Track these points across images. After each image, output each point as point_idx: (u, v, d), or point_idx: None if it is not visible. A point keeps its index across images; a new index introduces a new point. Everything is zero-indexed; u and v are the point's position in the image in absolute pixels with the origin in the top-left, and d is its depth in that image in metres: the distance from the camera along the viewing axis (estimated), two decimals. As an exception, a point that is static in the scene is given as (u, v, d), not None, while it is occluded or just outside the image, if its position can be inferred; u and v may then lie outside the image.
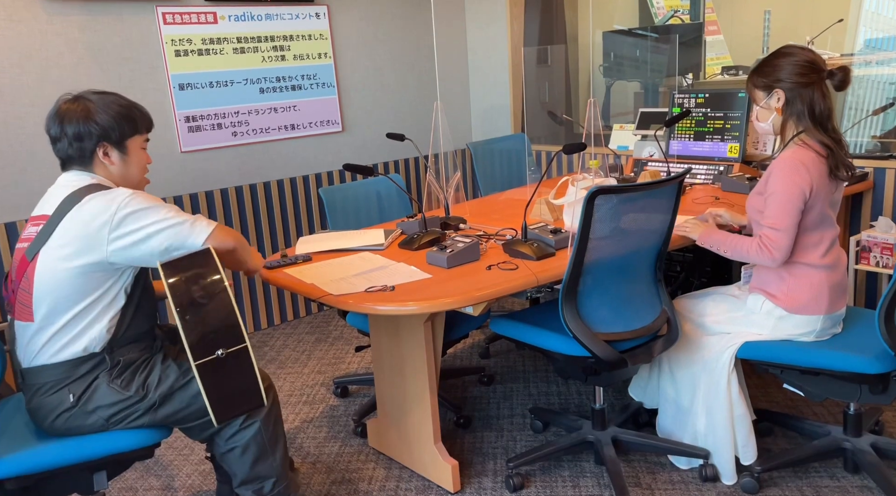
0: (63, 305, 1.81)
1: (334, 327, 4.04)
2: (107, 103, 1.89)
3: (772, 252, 2.14)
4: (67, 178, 1.89)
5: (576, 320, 2.13)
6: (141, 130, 1.96)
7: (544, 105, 4.82)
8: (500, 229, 2.69)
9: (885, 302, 2.02)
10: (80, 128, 1.84)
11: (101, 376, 1.86)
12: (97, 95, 1.90)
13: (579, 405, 2.97)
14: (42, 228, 1.82)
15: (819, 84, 2.16)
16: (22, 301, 1.84)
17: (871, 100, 3.97)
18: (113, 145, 1.89)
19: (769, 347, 2.25)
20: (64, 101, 1.89)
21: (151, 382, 1.89)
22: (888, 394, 2.14)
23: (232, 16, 3.76)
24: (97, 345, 1.85)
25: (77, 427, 1.85)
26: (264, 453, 2.02)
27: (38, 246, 1.81)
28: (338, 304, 2.12)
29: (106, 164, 1.90)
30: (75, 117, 1.85)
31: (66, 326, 1.82)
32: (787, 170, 2.11)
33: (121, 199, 1.80)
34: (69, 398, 1.83)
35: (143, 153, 1.98)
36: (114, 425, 1.87)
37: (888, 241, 2.97)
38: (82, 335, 1.83)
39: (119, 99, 1.93)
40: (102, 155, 1.89)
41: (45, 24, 3.21)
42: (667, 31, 4.56)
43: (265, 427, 2.01)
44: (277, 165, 4.04)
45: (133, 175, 1.97)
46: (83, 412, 1.84)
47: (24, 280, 1.83)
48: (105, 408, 1.85)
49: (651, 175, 3.22)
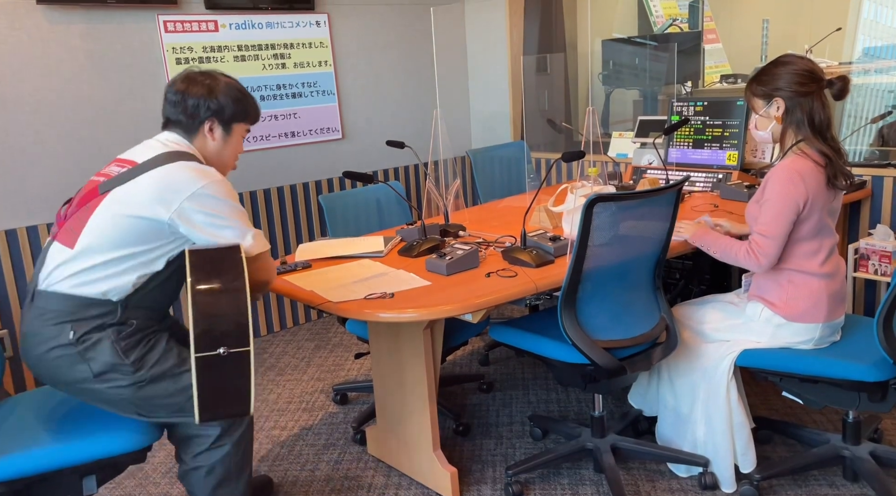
0: (107, 245, 1.83)
1: (334, 334, 4.04)
2: (230, 86, 2.01)
3: (758, 258, 2.17)
4: (168, 137, 1.97)
5: (575, 327, 2.13)
6: (249, 119, 2.07)
7: (543, 113, 4.83)
8: (499, 236, 2.69)
9: (884, 310, 2.02)
10: (200, 100, 1.95)
11: (108, 329, 1.85)
12: (224, 77, 2.03)
13: (578, 413, 2.97)
14: (126, 171, 1.86)
15: (818, 93, 2.17)
16: (72, 226, 1.87)
17: (869, 108, 3.99)
18: (221, 123, 1.99)
19: (768, 355, 2.25)
20: (195, 72, 2.00)
21: (149, 359, 1.88)
22: (887, 401, 2.14)
23: (232, 24, 3.77)
24: (117, 295, 1.86)
25: (62, 368, 1.84)
26: (228, 478, 2.00)
27: (114, 184, 1.85)
28: (337, 311, 2.13)
29: (208, 138, 1.99)
30: (200, 89, 1.96)
31: (98, 266, 1.83)
32: (783, 179, 2.12)
33: (212, 177, 1.86)
34: (69, 334, 1.83)
35: (241, 141, 2.09)
36: (96, 380, 1.84)
37: (886, 248, 2.98)
38: (109, 279, 1.84)
39: (241, 86, 2.05)
40: (208, 129, 1.98)
41: (46, 32, 3.23)
42: (666, 40, 4.57)
43: (235, 450, 2.00)
44: (277, 172, 4.05)
45: (226, 156, 2.05)
46: (78, 356, 1.83)
47: (84, 209, 1.86)
48: (98, 362, 1.84)
49: (650, 183, 3.23)
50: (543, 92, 4.84)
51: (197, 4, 3.63)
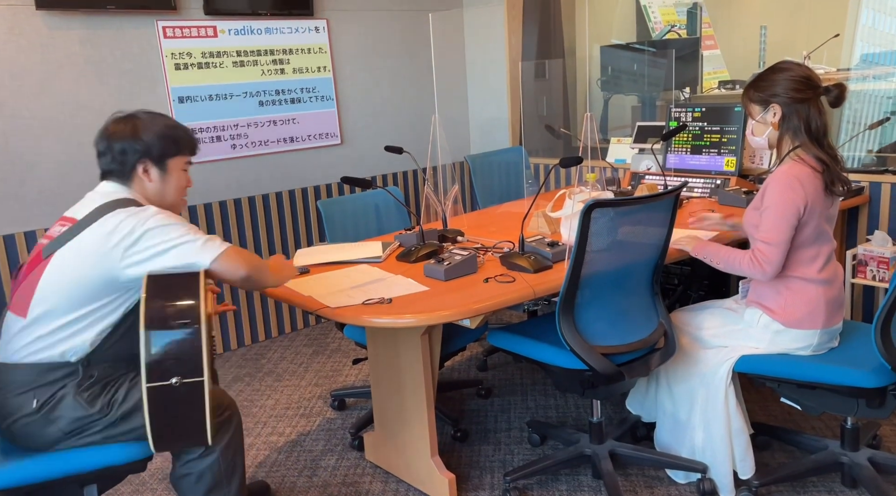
0: (61, 309, 1.81)
1: (332, 340, 4.03)
2: (154, 122, 1.95)
3: (763, 266, 2.16)
4: (105, 188, 1.93)
5: (573, 333, 2.13)
6: (184, 152, 2.01)
7: (542, 118, 4.84)
8: (497, 242, 2.70)
9: (882, 316, 2.02)
10: (126, 144, 1.90)
11: (68, 386, 1.83)
12: (147, 115, 1.97)
13: (577, 418, 2.96)
14: (66, 230, 1.85)
15: (815, 100, 2.18)
16: (22, 295, 1.85)
17: (867, 114, 3.99)
18: (154, 163, 1.94)
19: (766, 361, 2.25)
20: (114, 120, 1.95)
21: (116, 399, 1.85)
22: (885, 408, 2.14)
23: (232, 30, 3.78)
24: (74, 355, 1.84)
25: (33, 435, 1.83)
26: (219, 485, 1.99)
27: (56, 246, 1.83)
28: (335, 317, 2.13)
29: (144, 181, 1.95)
30: (123, 134, 1.91)
31: (54, 331, 1.82)
32: (782, 185, 2.13)
33: (144, 215, 1.82)
34: (32, 403, 1.81)
35: (183, 175, 2.03)
36: (69, 438, 1.84)
37: (884, 254, 2.98)
38: (64, 341, 1.82)
39: (167, 120, 2.00)
40: (142, 171, 1.94)
41: (45, 37, 3.23)
42: (664, 46, 4.58)
43: (223, 457, 1.99)
44: (276, 178, 4.05)
45: (169, 195, 2.00)
46: (44, 420, 1.81)
47: (32, 275, 1.84)
48: (65, 420, 1.82)
49: (648, 188, 3.23)
50: (542, 97, 4.84)
51: (196, 10, 3.64)
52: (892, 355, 2.04)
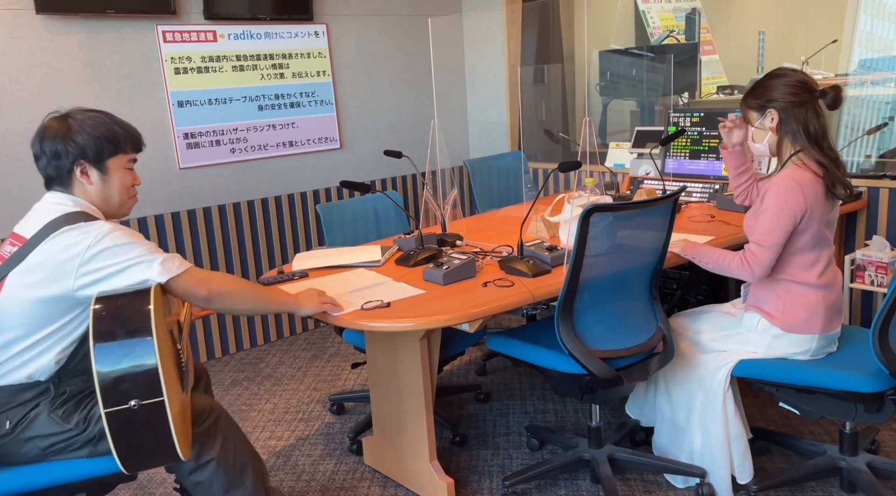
0: (20, 333, 1.75)
1: (331, 344, 4.03)
2: (90, 122, 1.84)
3: (752, 267, 2.17)
4: (50, 199, 1.84)
5: (572, 337, 2.13)
6: (125, 150, 1.89)
7: (541, 123, 4.85)
8: (496, 246, 2.70)
9: (880, 320, 2.02)
10: (58, 146, 1.80)
11: (42, 404, 1.78)
12: (83, 113, 1.85)
13: (576, 423, 2.96)
14: (16, 251, 1.77)
15: (812, 103, 2.19)
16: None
17: (866, 119, 4.00)
18: (91, 164, 1.83)
19: (764, 365, 2.25)
20: (49, 119, 1.84)
21: (94, 415, 1.79)
22: (883, 413, 2.14)
23: (231, 34, 3.79)
24: (42, 375, 1.78)
25: (11, 454, 1.78)
26: (232, 483, 1.94)
27: (6, 269, 1.75)
28: (334, 321, 2.13)
29: (84, 183, 1.84)
30: (54, 135, 1.81)
31: (16, 355, 1.77)
32: (783, 190, 2.13)
33: (97, 233, 1.73)
34: (5, 425, 1.76)
35: (127, 173, 1.91)
36: (50, 456, 1.79)
37: (882, 259, 2.98)
38: (29, 363, 1.77)
39: (104, 117, 1.87)
40: (80, 174, 1.83)
41: (45, 41, 3.24)
42: (663, 51, 4.60)
43: (222, 461, 1.92)
44: (275, 182, 4.05)
45: (113, 196, 1.89)
46: (18, 440, 1.77)
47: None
48: (42, 438, 1.77)
49: (647, 193, 3.23)
50: (541, 102, 4.85)
51: (196, 14, 3.65)
52: (889, 360, 2.04)
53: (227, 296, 1.88)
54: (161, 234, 3.64)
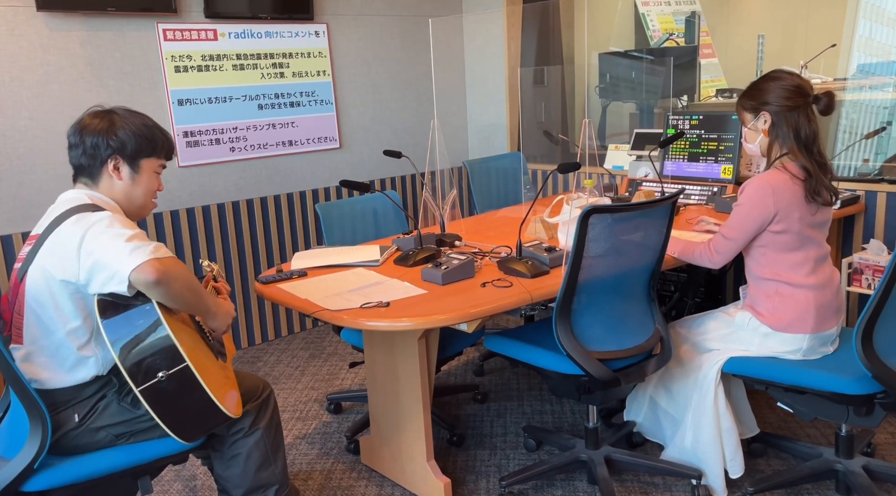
0: (50, 325, 1.77)
1: (328, 343, 4.03)
2: (134, 120, 1.90)
3: (712, 254, 2.29)
4: (65, 197, 1.86)
5: (569, 338, 2.14)
6: (159, 154, 1.95)
7: (540, 124, 4.85)
8: (495, 247, 2.70)
9: (863, 324, 2.02)
10: (99, 138, 1.84)
11: (109, 395, 1.84)
12: (126, 112, 1.92)
13: (573, 424, 2.97)
14: (31, 250, 1.80)
15: (805, 108, 2.20)
16: (16, 324, 1.81)
17: (863, 124, 4.01)
18: (125, 160, 1.88)
19: (754, 363, 2.28)
20: (91, 113, 1.90)
21: None
22: (874, 416, 2.15)
23: (232, 33, 3.79)
24: (105, 369, 1.84)
25: (82, 445, 1.83)
26: (266, 461, 2.03)
27: (26, 266, 1.79)
28: (332, 320, 2.13)
29: (113, 178, 1.88)
30: (98, 128, 1.85)
31: (59, 349, 1.78)
32: (755, 191, 2.20)
33: (95, 218, 1.74)
34: (74, 418, 1.81)
35: (154, 177, 1.96)
36: (122, 441, 1.85)
37: (879, 263, 2.99)
38: (87, 360, 1.81)
39: (146, 119, 1.93)
40: (112, 168, 1.87)
41: (46, 38, 3.24)
42: (662, 54, 4.60)
43: (267, 434, 2.03)
44: (275, 181, 4.05)
45: (138, 196, 1.93)
46: (89, 430, 1.82)
47: (17, 301, 1.81)
48: (114, 426, 1.84)
49: (645, 195, 3.24)
50: (540, 104, 4.86)
51: (196, 13, 3.65)
52: (873, 364, 2.03)
53: (182, 284, 1.78)
54: (160, 232, 3.64)
